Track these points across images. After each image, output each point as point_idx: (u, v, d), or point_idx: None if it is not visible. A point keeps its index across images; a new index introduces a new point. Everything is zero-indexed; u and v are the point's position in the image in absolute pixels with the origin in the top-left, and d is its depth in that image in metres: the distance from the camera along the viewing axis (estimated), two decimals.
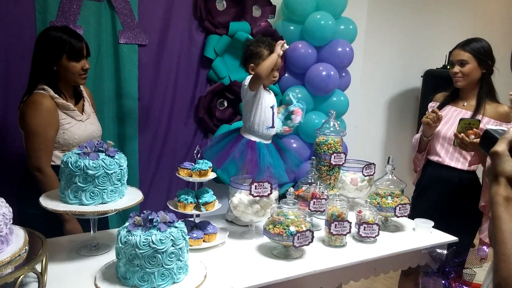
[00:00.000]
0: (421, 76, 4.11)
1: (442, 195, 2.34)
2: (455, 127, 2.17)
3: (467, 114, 2.29)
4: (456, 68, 2.31)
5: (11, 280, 1.13)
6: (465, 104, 2.36)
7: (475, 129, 2.07)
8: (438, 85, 3.88)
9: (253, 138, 2.07)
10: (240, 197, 1.79)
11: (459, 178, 2.32)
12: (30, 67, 1.96)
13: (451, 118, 2.34)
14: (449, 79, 3.77)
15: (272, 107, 2.10)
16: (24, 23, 2.35)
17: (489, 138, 0.98)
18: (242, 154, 2.00)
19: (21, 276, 1.16)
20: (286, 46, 2.03)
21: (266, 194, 1.74)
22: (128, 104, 2.72)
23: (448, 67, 2.40)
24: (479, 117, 2.23)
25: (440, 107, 2.41)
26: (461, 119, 2.12)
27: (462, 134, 2.08)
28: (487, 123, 2.22)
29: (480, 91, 2.31)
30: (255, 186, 1.71)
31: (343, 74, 3.31)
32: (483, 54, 2.27)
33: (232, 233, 1.86)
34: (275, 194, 1.83)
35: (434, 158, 2.39)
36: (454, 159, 2.32)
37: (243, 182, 1.89)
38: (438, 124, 2.29)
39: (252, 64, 2.05)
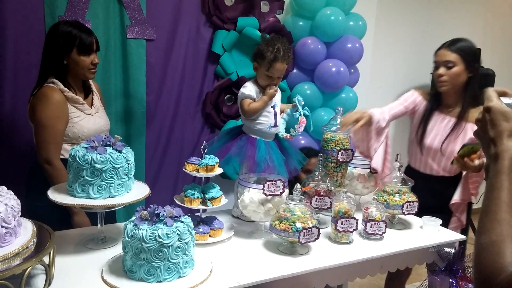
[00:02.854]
0: (431, 73, 4.06)
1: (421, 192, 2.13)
2: (442, 138, 2.11)
3: (452, 121, 2.18)
4: (442, 70, 2.14)
5: (19, 272, 1.14)
6: (450, 110, 2.22)
7: (478, 152, 1.96)
8: None
9: (254, 136, 2.06)
10: (251, 196, 1.76)
11: (443, 182, 2.24)
12: (39, 61, 1.98)
13: (440, 129, 2.21)
14: None
15: (273, 107, 2.06)
16: (33, 17, 2.36)
17: None
18: (241, 150, 1.98)
19: (29, 268, 1.17)
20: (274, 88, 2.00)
21: (278, 192, 1.73)
22: (136, 99, 2.73)
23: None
24: (462, 125, 2.13)
25: (428, 115, 2.26)
26: (464, 145, 2.01)
27: (465, 158, 1.97)
28: (472, 129, 2.10)
29: (465, 97, 2.15)
30: (268, 185, 1.69)
31: (352, 70, 3.30)
32: (471, 55, 2.10)
33: (239, 229, 1.86)
34: (286, 192, 1.81)
35: (425, 171, 2.28)
36: (447, 171, 2.24)
37: (247, 180, 1.89)
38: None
39: (255, 63, 2.01)
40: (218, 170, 1.76)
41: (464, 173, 2.14)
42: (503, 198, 0.74)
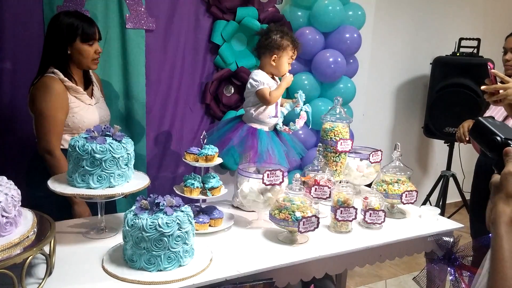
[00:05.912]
0: (430, 63, 4.06)
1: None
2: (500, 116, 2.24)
3: None
4: (509, 56, 2.35)
5: (20, 261, 1.15)
6: None
7: None
8: (447, 72, 3.86)
9: (255, 125, 2.07)
10: (251, 186, 1.77)
11: None
12: (38, 51, 1.98)
13: (497, 107, 2.28)
14: (459, 67, 3.76)
15: None
16: (32, 8, 2.34)
17: (481, 129, 0.91)
18: (242, 140, 2.00)
19: (30, 257, 1.17)
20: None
21: (278, 182, 1.73)
22: (135, 89, 2.72)
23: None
24: None
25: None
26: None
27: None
28: None
29: None
30: (268, 174, 1.70)
31: (351, 60, 3.28)
32: None
33: (239, 219, 1.87)
34: (285, 182, 1.82)
35: None
36: None
37: (247, 170, 1.89)
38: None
39: (275, 55, 2.07)
40: (218, 160, 1.76)
41: None
42: (506, 258, 0.79)
